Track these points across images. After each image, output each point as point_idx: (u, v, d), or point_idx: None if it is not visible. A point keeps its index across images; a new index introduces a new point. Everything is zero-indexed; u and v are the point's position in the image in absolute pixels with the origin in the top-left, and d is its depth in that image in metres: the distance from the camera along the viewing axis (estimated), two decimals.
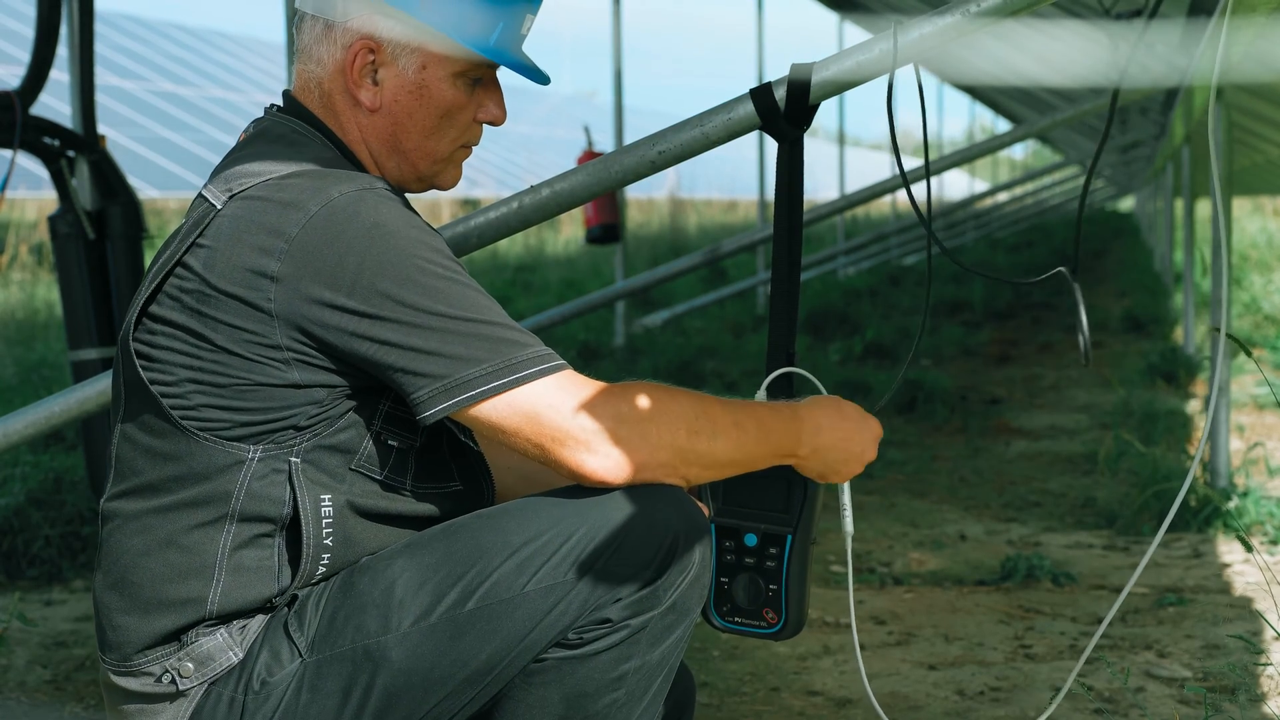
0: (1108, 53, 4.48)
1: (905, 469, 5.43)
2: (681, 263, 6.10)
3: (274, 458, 1.79)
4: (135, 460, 1.83)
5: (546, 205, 2.42)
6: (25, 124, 4.12)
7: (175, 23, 25.05)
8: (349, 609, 1.79)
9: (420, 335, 1.74)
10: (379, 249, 1.75)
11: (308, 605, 1.81)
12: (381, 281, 1.74)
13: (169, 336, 1.79)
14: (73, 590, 3.91)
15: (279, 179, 1.81)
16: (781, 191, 2.09)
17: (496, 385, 1.75)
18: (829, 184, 20.76)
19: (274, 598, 1.82)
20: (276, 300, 1.74)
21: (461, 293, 1.77)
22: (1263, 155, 8.80)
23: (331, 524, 1.81)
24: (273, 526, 1.80)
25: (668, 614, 1.82)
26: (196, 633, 1.81)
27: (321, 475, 1.81)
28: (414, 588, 1.78)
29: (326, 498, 1.81)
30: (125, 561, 1.83)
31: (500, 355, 1.76)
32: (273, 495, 1.79)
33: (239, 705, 1.80)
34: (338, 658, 1.78)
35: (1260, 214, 21.18)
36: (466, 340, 1.75)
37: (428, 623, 1.77)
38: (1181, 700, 2.96)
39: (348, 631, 1.78)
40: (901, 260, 15.26)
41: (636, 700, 1.84)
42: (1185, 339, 7.91)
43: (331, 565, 1.83)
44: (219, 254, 1.77)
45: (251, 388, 1.77)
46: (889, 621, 3.57)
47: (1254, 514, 4.32)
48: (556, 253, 17.37)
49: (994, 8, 2.02)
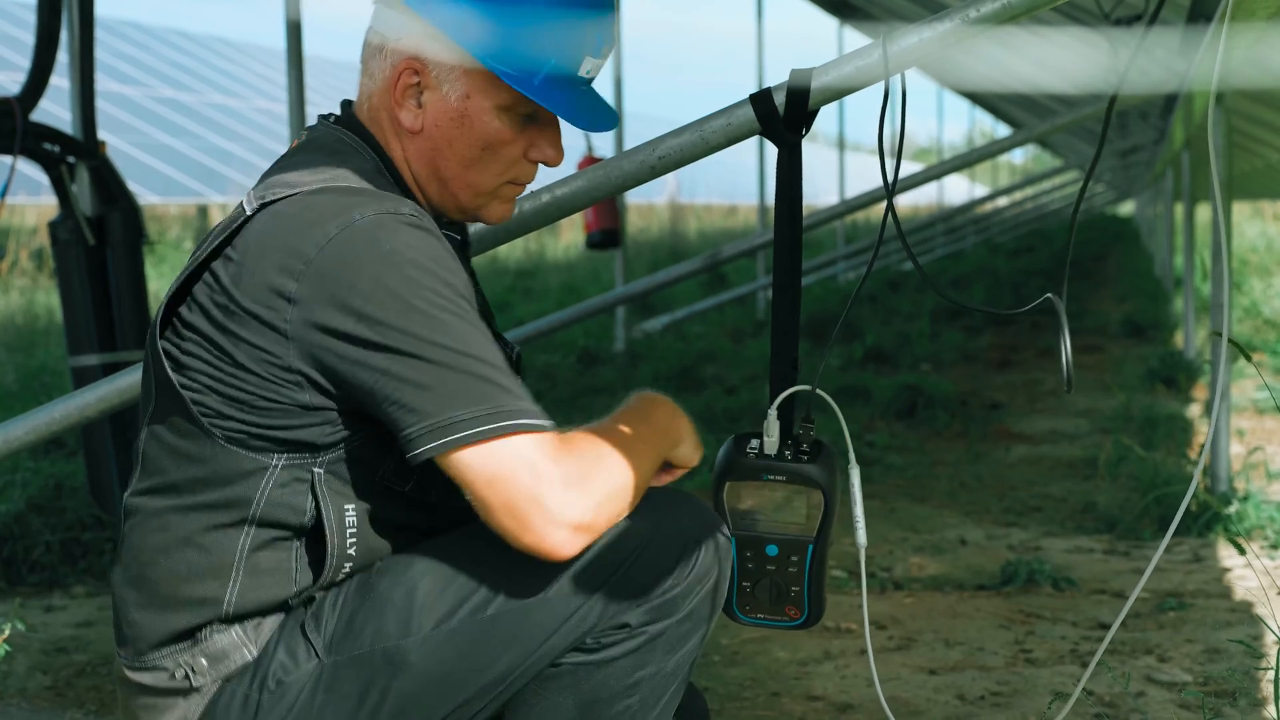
0: (1107, 58, 4.48)
1: (905, 474, 5.43)
2: (681, 268, 6.09)
3: (297, 467, 1.79)
4: (161, 459, 1.84)
5: (546, 210, 2.42)
6: (25, 130, 4.12)
7: (176, 29, 25.06)
8: (368, 611, 1.79)
9: (417, 368, 1.72)
10: (389, 277, 1.73)
11: (325, 606, 1.82)
12: (386, 310, 1.72)
13: (195, 344, 1.80)
14: (73, 596, 3.91)
15: (309, 194, 1.80)
16: (782, 197, 2.09)
17: (493, 430, 1.72)
18: (829, 189, 20.75)
19: (290, 599, 1.82)
20: (292, 322, 1.74)
21: (466, 330, 1.75)
22: (1263, 160, 8.81)
23: (356, 534, 1.81)
24: (292, 532, 1.81)
25: (684, 622, 1.82)
26: (211, 630, 1.82)
27: (345, 487, 1.81)
28: (436, 591, 1.78)
29: (350, 508, 1.81)
30: (144, 558, 1.84)
31: (498, 400, 1.73)
32: (294, 504, 1.80)
33: (254, 703, 1.80)
34: (356, 660, 1.78)
35: (1260, 218, 21.18)
36: (461, 380, 1.72)
37: (448, 626, 1.77)
38: (1182, 705, 2.96)
39: (366, 633, 1.78)
40: (901, 265, 15.26)
41: (649, 708, 1.85)
42: (1185, 344, 7.91)
43: (353, 571, 1.83)
44: (245, 270, 1.77)
45: (268, 405, 1.77)
46: (889, 626, 3.57)
47: (1254, 519, 4.32)
48: (556, 258, 17.37)
49: (992, 13, 2.02)
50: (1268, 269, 13.51)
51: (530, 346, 7.83)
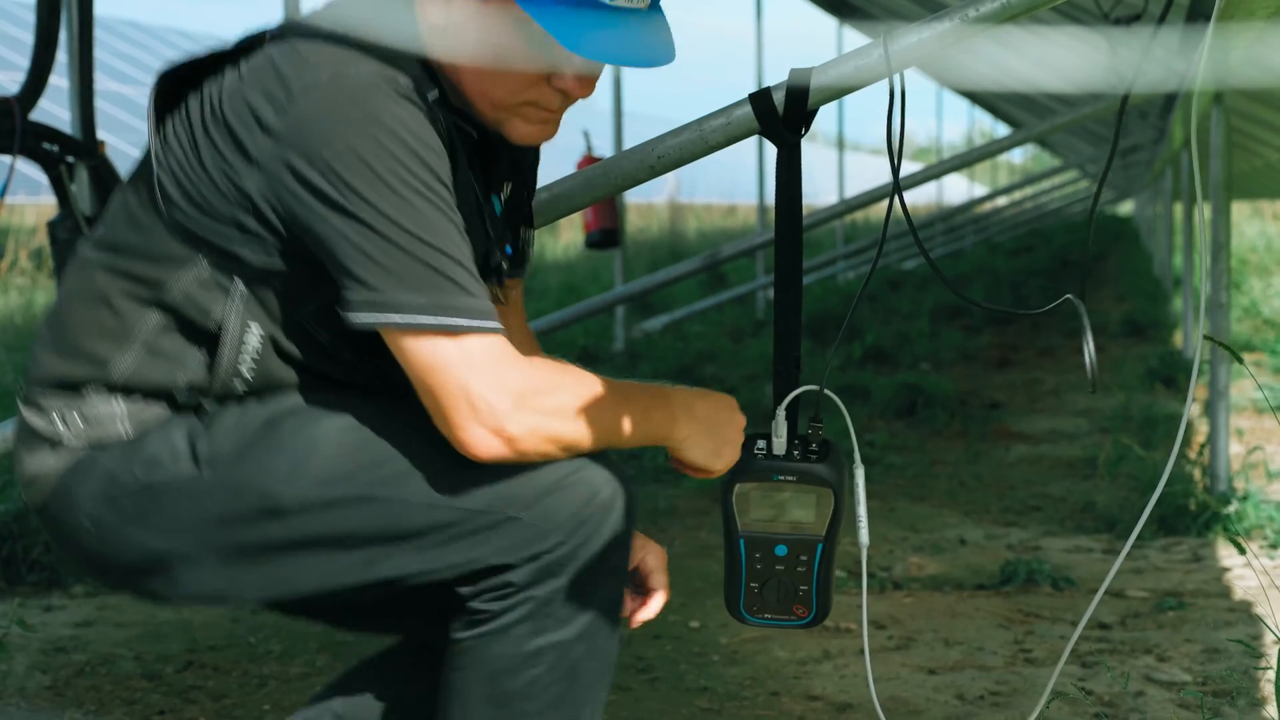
0: (1106, 57, 4.48)
1: (905, 473, 5.43)
2: (681, 268, 6.09)
3: (222, 274, 1.79)
4: (119, 216, 1.87)
5: (545, 210, 2.42)
6: (25, 130, 4.12)
7: (175, 28, 25.05)
8: (264, 447, 1.79)
9: (374, 241, 1.71)
10: (363, 143, 1.71)
11: (224, 422, 1.82)
12: (354, 175, 1.70)
13: (180, 129, 1.81)
14: (72, 596, 3.91)
15: (320, 38, 1.78)
16: (782, 196, 2.08)
17: (431, 324, 1.71)
18: (828, 189, 20.75)
19: (177, 394, 1.83)
20: (262, 152, 1.74)
21: (432, 216, 1.72)
22: (1262, 159, 8.80)
23: (257, 358, 1.82)
24: (196, 331, 1.82)
25: (577, 589, 1.80)
26: (95, 390, 1.84)
27: (259, 310, 1.81)
28: (334, 454, 1.78)
29: (257, 330, 1.81)
30: (65, 302, 1.89)
31: (446, 294, 1.71)
32: (204, 305, 1.80)
33: (117, 481, 1.81)
34: (233, 485, 1.79)
35: (1259, 218, 21.19)
36: (414, 264, 1.71)
37: (331, 493, 1.77)
38: (1181, 704, 2.96)
39: (252, 465, 1.79)
40: (901, 265, 15.26)
41: (560, 680, 1.83)
42: (1185, 343, 7.91)
43: (249, 393, 1.84)
44: (241, 81, 1.78)
45: (212, 212, 1.78)
46: (889, 626, 3.57)
47: (1253, 518, 4.32)
48: (556, 257, 17.37)
49: (991, 13, 2.02)
50: (1267, 269, 13.51)
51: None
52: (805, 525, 1.97)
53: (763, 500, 1.97)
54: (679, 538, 4.44)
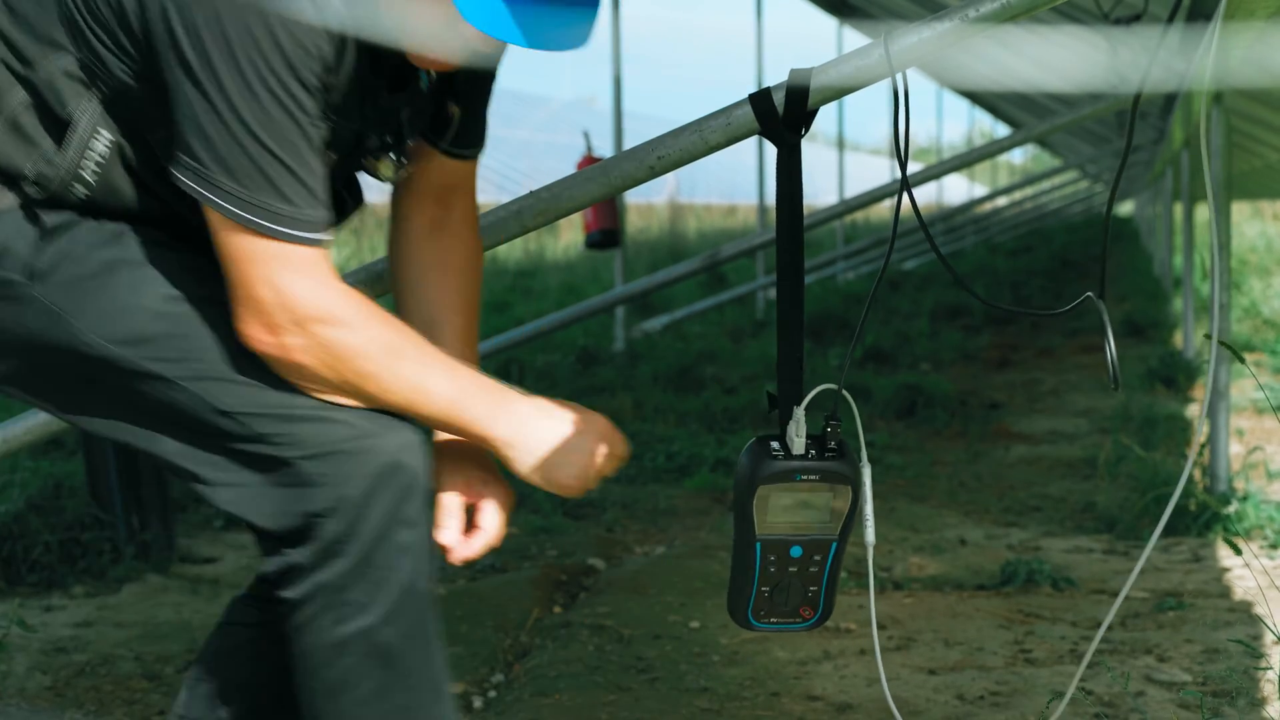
0: (1106, 57, 4.48)
1: (905, 474, 5.43)
2: (681, 268, 6.08)
3: (86, 73, 1.80)
4: None
5: (546, 211, 2.42)
6: None
7: None
8: (94, 287, 1.81)
9: (213, 124, 1.71)
10: (237, 31, 1.70)
11: (64, 248, 1.82)
12: (218, 57, 1.70)
13: None
14: (72, 596, 3.91)
15: None
16: (782, 197, 2.08)
17: (239, 216, 1.73)
18: (828, 189, 20.75)
19: (24, 184, 1.83)
20: None
21: (278, 119, 1.72)
22: (1262, 160, 8.80)
23: (101, 166, 1.82)
24: (52, 120, 1.82)
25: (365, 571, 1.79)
26: None
27: (113, 122, 1.82)
28: (147, 325, 1.80)
29: (107, 138, 1.82)
30: None
31: (264, 194, 1.73)
32: (62, 97, 1.81)
33: None
34: (48, 311, 1.81)
35: (1260, 218, 21.19)
36: (243, 159, 1.72)
37: (131, 354, 1.80)
38: (1181, 705, 2.96)
39: (73, 302, 1.80)
40: (901, 265, 15.27)
41: (378, 667, 1.81)
42: (1185, 343, 7.91)
43: (91, 201, 1.84)
44: None
45: (96, 18, 1.78)
46: (889, 626, 3.57)
47: (1254, 518, 4.32)
48: (556, 258, 17.38)
49: (991, 13, 2.02)
50: (1267, 269, 13.51)
51: (530, 346, 7.83)
52: (821, 525, 1.96)
53: (783, 502, 1.95)
54: (679, 538, 4.43)
